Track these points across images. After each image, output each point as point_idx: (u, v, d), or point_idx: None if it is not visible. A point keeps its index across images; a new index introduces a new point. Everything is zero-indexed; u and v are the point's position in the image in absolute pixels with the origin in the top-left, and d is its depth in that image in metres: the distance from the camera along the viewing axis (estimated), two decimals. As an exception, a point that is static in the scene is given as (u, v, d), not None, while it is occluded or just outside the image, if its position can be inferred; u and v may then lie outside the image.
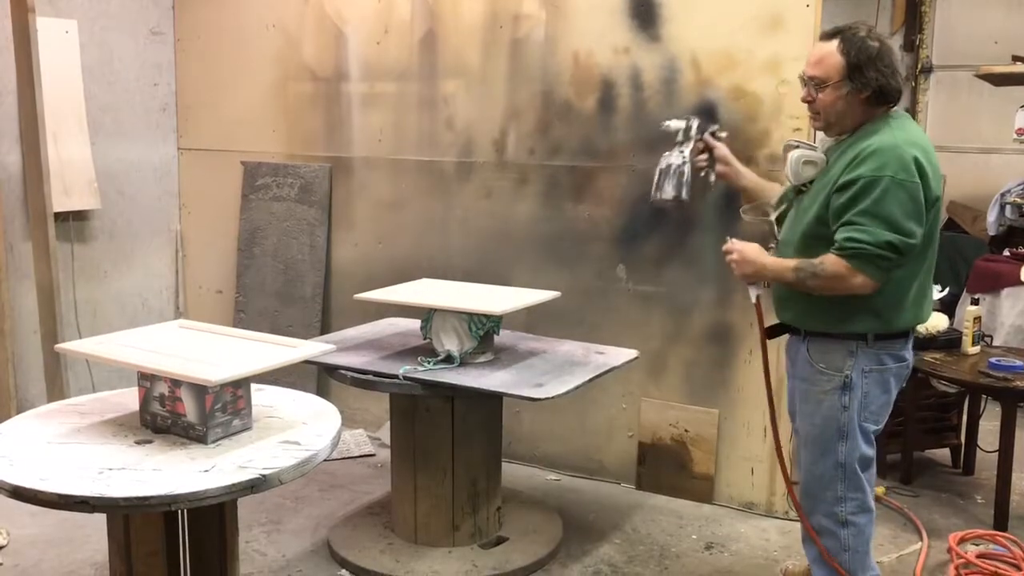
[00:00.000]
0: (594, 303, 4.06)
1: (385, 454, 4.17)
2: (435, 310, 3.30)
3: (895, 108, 2.68)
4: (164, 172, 5.15)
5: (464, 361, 3.25)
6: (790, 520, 3.80)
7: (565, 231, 4.11)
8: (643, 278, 4.00)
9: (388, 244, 4.62)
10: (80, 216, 4.72)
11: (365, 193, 4.69)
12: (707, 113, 3.64)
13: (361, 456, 4.50)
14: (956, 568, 3.38)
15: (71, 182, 4.60)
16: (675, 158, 2.95)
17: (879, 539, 3.55)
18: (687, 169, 2.94)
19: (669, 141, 3.06)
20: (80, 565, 3.38)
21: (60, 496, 2.10)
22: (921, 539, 3.64)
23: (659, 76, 3.87)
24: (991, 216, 6.24)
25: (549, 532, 3.62)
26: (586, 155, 4.06)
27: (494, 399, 3.35)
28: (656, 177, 2.98)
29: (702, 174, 3.02)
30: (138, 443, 2.41)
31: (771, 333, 2.90)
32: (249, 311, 4.97)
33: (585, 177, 4.07)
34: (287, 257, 4.86)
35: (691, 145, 2.97)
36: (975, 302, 4.47)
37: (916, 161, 2.52)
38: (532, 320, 3.89)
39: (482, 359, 3.30)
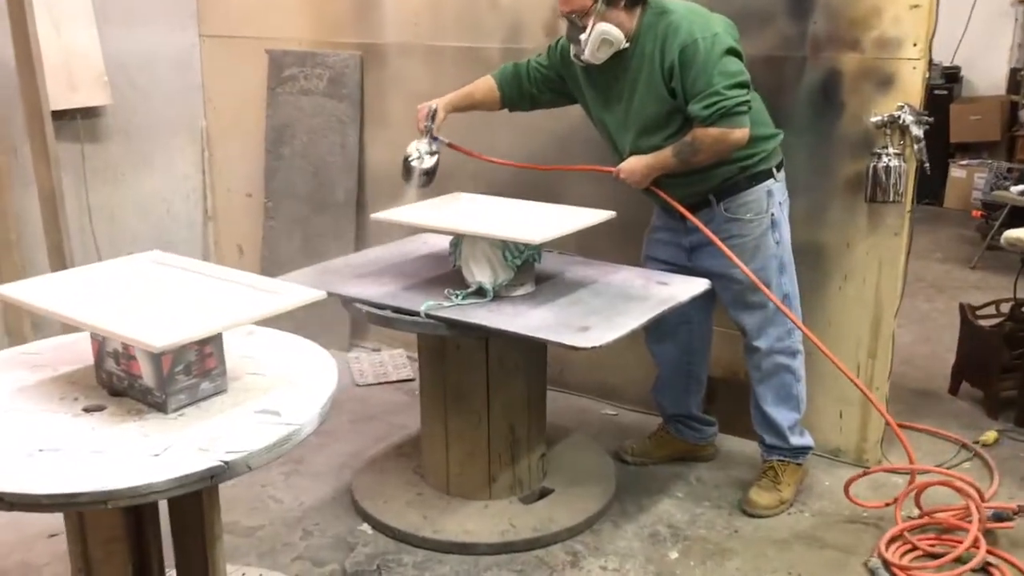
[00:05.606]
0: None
1: (422, 382, 3.74)
2: (464, 235, 2.78)
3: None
4: (184, 62, 4.64)
5: (498, 294, 2.74)
6: (886, 472, 3.27)
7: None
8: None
9: (427, 144, 4.07)
10: (90, 113, 4.26)
11: (400, 85, 4.12)
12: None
13: (399, 381, 4.08)
14: None
15: (77, 75, 4.13)
16: (430, 161, 3.06)
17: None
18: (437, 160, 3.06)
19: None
20: (34, 539, 2.89)
21: (-34, 489, 1.69)
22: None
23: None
24: None
25: (600, 483, 3.16)
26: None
27: (536, 335, 2.83)
28: (421, 179, 3.06)
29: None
30: (87, 411, 1.98)
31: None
32: (279, 217, 4.52)
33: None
34: (317, 158, 4.35)
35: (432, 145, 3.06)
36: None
37: (702, 14, 2.75)
38: (584, 239, 3.33)
39: (520, 292, 2.78)
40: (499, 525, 2.90)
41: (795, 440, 3.07)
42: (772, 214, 2.89)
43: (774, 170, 2.90)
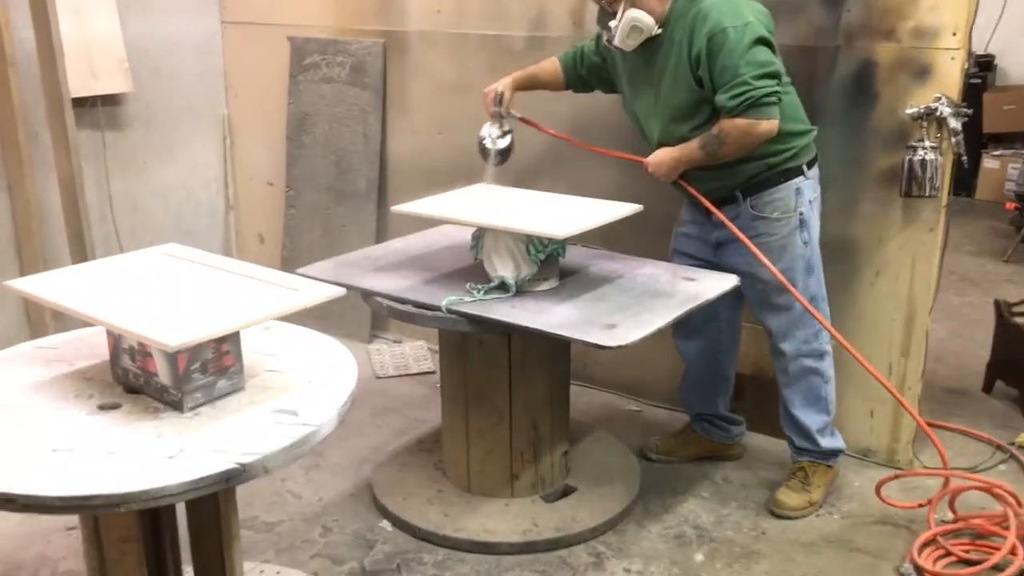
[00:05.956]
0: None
1: (443, 376, 3.69)
2: (486, 229, 2.72)
3: None
4: (206, 49, 4.59)
5: (521, 289, 2.68)
6: (920, 475, 3.19)
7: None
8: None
9: (450, 134, 4.01)
10: (111, 101, 4.23)
11: (422, 74, 4.06)
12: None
13: (420, 373, 4.03)
14: None
15: (98, 62, 4.09)
16: (503, 142, 3.06)
17: None
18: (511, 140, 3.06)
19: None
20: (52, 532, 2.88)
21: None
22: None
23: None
24: None
25: (624, 481, 3.10)
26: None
27: (560, 331, 2.77)
28: (496, 158, 3.07)
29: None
30: (103, 408, 1.94)
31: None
32: (300, 206, 4.47)
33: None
34: (339, 147, 4.30)
35: (505, 127, 3.07)
36: None
37: (734, 2, 2.62)
38: (609, 231, 3.25)
39: (543, 286, 2.72)
40: (521, 524, 2.85)
41: (825, 442, 2.99)
42: (801, 213, 2.80)
43: (805, 167, 2.80)
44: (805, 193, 2.80)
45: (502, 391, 2.87)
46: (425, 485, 3.06)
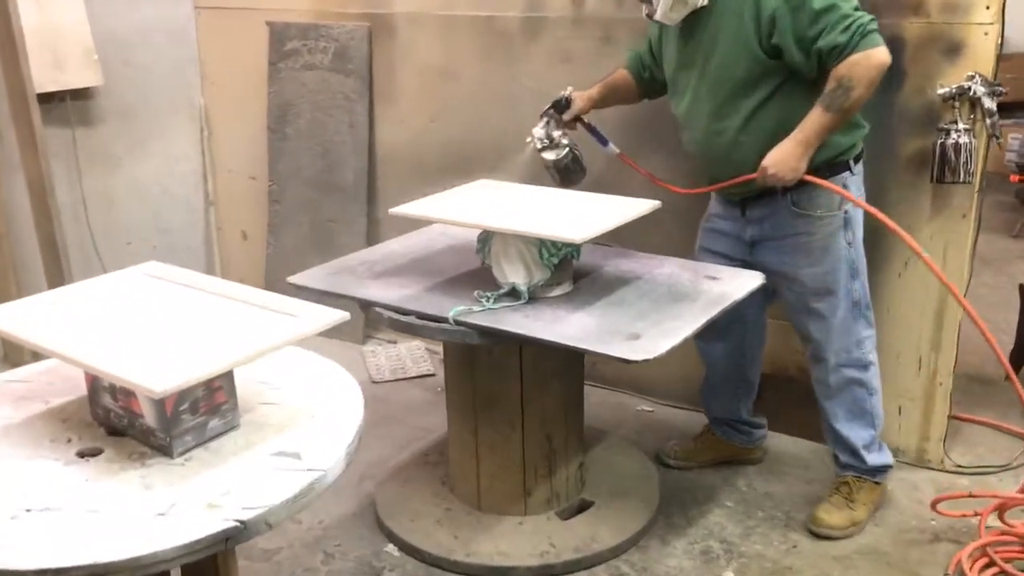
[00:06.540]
0: (705, 201, 3.18)
1: (444, 380, 3.49)
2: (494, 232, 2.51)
3: None
4: (180, 36, 4.33)
5: (533, 296, 2.48)
6: (947, 472, 3.04)
7: (665, 105, 3.19)
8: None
9: (442, 122, 3.79)
10: (80, 95, 3.97)
11: (410, 59, 3.82)
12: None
13: (418, 376, 3.83)
14: None
15: (64, 54, 3.83)
16: (551, 154, 2.81)
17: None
18: (570, 156, 2.82)
19: None
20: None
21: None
22: None
23: None
24: None
25: (643, 492, 2.92)
26: (691, 5, 3.12)
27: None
28: (554, 175, 2.85)
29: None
30: (82, 455, 1.74)
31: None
32: (285, 201, 4.24)
33: (689, 35, 3.14)
34: (324, 138, 4.07)
35: (560, 136, 2.82)
36: None
37: None
38: (622, 227, 3.06)
39: (556, 292, 2.52)
40: (537, 545, 2.66)
41: (872, 458, 2.78)
42: (845, 211, 2.58)
43: (852, 162, 2.59)
44: (851, 190, 2.57)
45: (513, 402, 2.68)
46: (432, 503, 2.87)
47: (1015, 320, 3.77)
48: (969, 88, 2.72)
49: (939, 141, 2.75)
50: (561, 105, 2.82)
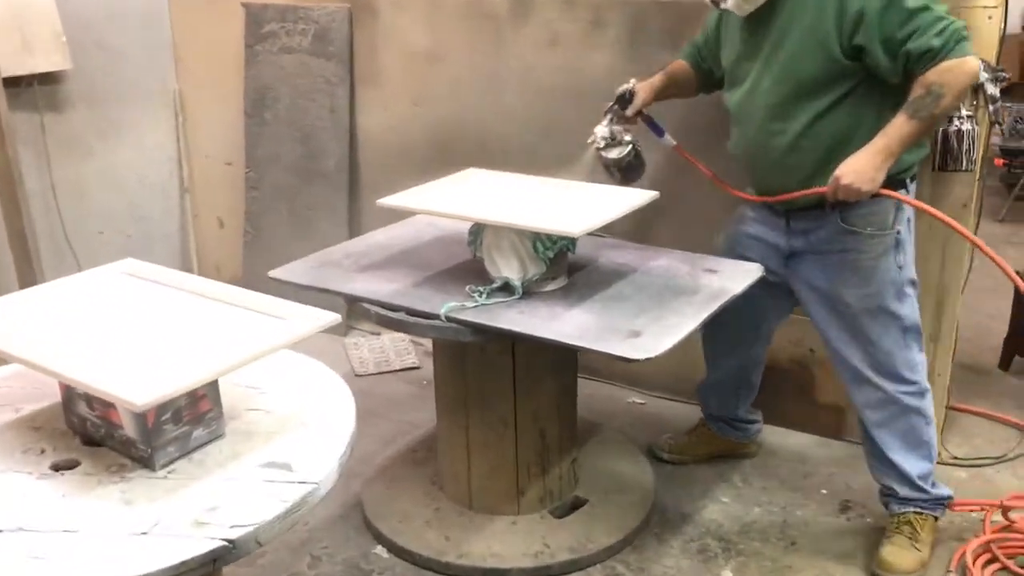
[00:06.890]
0: (699, 189, 3.10)
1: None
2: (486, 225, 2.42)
3: None
4: (153, 18, 4.19)
5: (528, 291, 2.39)
6: (944, 464, 2.99)
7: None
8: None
9: (426, 107, 3.68)
10: (49, 79, 3.82)
11: (393, 42, 3.70)
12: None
13: (403, 369, 3.74)
14: None
15: (31, 36, 3.68)
16: (614, 152, 2.66)
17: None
18: (633, 152, 2.67)
19: None
20: None
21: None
22: None
23: None
24: None
25: (637, 488, 2.85)
26: (684, -13, 3.02)
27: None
28: (615, 173, 2.70)
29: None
30: (57, 468, 1.63)
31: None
32: (263, 188, 4.12)
33: (681, 18, 3.04)
34: (304, 123, 3.95)
35: (622, 132, 2.67)
36: None
37: None
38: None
39: (551, 286, 2.43)
40: (531, 546, 2.59)
41: (935, 490, 2.58)
42: (898, 232, 2.41)
43: (908, 181, 2.42)
44: (905, 209, 2.42)
45: (506, 398, 2.59)
46: (421, 503, 2.79)
47: (1006, 307, 3.74)
48: (972, 74, 2.64)
49: (942, 128, 2.67)
50: (625, 99, 2.66)
